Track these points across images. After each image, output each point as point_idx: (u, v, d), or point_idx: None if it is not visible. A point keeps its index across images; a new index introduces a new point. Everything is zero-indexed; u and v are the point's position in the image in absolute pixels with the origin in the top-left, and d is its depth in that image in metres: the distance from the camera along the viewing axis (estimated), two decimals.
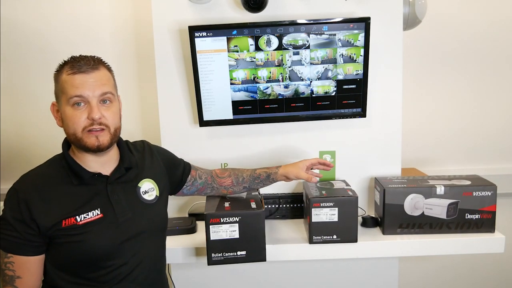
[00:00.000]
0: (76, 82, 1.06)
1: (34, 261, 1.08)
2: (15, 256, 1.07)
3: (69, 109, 1.07)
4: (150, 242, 1.20)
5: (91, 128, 1.07)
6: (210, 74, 1.55)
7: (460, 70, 2.07)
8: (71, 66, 1.07)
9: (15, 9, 1.94)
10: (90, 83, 1.07)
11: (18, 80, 2.00)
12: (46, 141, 2.03)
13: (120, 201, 1.14)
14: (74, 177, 1.11)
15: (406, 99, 1.74)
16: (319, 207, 1.42)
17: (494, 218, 1.47)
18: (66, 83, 1.06)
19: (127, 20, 1.94)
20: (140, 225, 1.17)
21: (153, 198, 1.22)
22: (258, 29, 1.51)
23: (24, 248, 1.07)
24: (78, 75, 1.06)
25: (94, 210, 1.10)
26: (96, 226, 1.10)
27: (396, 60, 1.62)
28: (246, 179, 1.43)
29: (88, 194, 1.11)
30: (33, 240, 1.06)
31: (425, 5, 1.62)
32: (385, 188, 1.48)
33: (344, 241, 1.44)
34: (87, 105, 1.07)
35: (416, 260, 2.23)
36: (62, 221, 1.07)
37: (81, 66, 1.07)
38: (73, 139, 1.09)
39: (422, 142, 2.12)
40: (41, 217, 1.05)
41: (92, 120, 1.07)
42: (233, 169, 1.47)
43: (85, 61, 1.08)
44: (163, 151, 1.37)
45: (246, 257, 1.35)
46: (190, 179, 1.39)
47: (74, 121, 1.07)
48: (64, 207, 1.08)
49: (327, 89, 1.58)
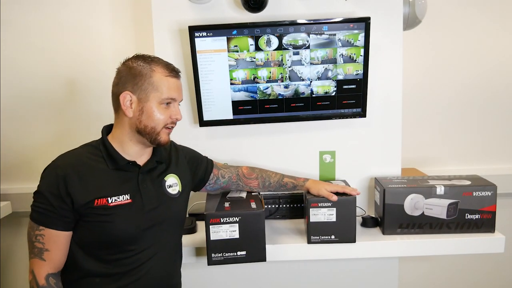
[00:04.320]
0: (173, 86, 1.19)
1: (63, 236, 1.13)
2: (47, 229, 1.11)
3: (158, 106, 1.17)
4: (169, 234, 1.27)
5: (170, 126, 1.21)
6: (210, 74, 1.55)
7: (460, 69, 2.06)
8: (166, 68, 1.18)
9: (15, 10, 1.94)
10: (180, 88, 1.22)
11: (18, 80, 2.00)
12: (46, 141, 2.03)
13: (148, 190, 1.21)
14: (110, 161, 1.18)
15: (406, 99, 1.74)
16: (317, 207, 1.42)
17: (494, 218, 1.47)
18: (163, 83, 1.16)
19: (127, 20, 1.94)
20: (163, 215, 1.23)
21: (176, 193, 1.28)
22: (258, 29, 1.51)
23: (56, 222, 1.11)
24: (174, 79, 1.19)
25: (124, 195, 1.17)
26: (125, 210, 1.16)
27: (396, 60, 1.62)
28: (272, 184, 1.51)
29: (120, 180, 1.18)
30: (65, 215, 1.12)
31: (425, 5, 1.62)
32: (385, 188, 1.48)
33: (342, 241, 1.44)
34: (171, 106, 1.20)
35: (416, 260, 2.23)
36: (94, 200, 1.12)
37: (175, 71, 1.20)
38: (148, 131, 1.17)
39: (422, 142, 2.12)
40: (76, 193, 1.11)
41: (175, 120, 1.21)
42: (261, 170, 1.53)
43: (174, 67, 1.21)
44: (187, 149, 1.44)
45: (246, 257, 1.35)
46: (213, 177, 1.46)
47: (161, 118, 1.18)
48: (98, 187, 1.14)
49: (327, 89, 1.58)
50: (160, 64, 1.18)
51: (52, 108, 2.02)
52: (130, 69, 1.17)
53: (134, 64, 1.17)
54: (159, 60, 1.20)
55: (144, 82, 1.15)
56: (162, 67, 1.18)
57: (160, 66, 1.17)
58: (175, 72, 1.20)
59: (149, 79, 1.15)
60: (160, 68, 1.17)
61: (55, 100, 2.01)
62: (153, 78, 1.16)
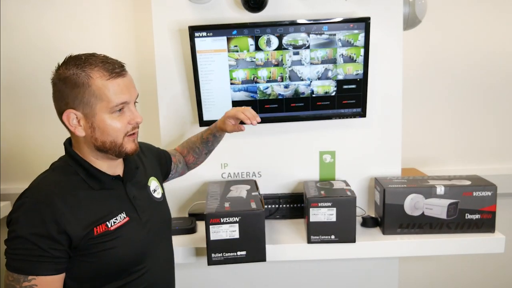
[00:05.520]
0: (119, 88, 0.98)
1: (58, 279, 0.97)
2: (38, 277, 0.93)
3: (110, 116, 0.99)
4: (166, 241, 1.22)
5: (132, 132, 1.04)
6: (210, 74, 1.55)
7: (460, 69, 2.06)
8: (104, 69, 0.97)
9: (16, 10, 1.94)
10: (129, 86, 1.01)
11: (18, 80, 2.00)
12: (46, 141, 2.03)
13: (139, 201, 1.11)
14: (94, 182, 1.03)
15: (406, 99, 1.74)
16: (317, 207, 1.42)
17: (494, 218, 1.47)
18: (106, 89, 0.97)
19: (127, 20, 1.94)
20: (157, 222, 1.16)
21: (160, 196, 1.21)
22: (258, 29, 1.51)
23: (49, 266, 0.94)
24: (118, 79, 0.99)
25: (120, 214, 1.04)
26: (126, 230, 1.04)
27: (396, 60, 1.62)
28: (201, 147, 1.44)
29: (111, 199, 1.05)
30: (59, 256, 0.95)
31: (425, 5, 1.62)
32: (385, 188, 1.48)
33: (342, 241, 1.44)
34: (125, 110, 1.02)
35: (416, 260, 2.23)
36: (93, 229, 0.98)
37: (115, 69, 0.98)
38: (109, 146, 1.01)
39: (422, 142, 2.12)
40: (71, 227, 0.95)
41: (135, 124, 1.04)
42: (186, 143, 1.48)
43: (114, 63, 1.00)
44: (149, 146, 1.35)
45: (246, 257, 1.35)
46: (174, 166, 1.40)
47: (117, 128, 1.00)
48: (92, 214, 0.99)
49: (327, 89, 1.58)
50: (97, 65, 0.97)
51: (53, 108, 2.01)
52: (64, 80, 0.97)
53: (67, 73, 0.96)
54: (95, 60, 0.98)
55: (84, 94, 0.96)
56: (99, 69, 0.97)
57: (97, 69, 0.96)
58: (116, 70, 0.98)
59: (89, 89, 0.96)
60: (97, 72, 0.96)
61: None
62: (92, 86, 0.96)
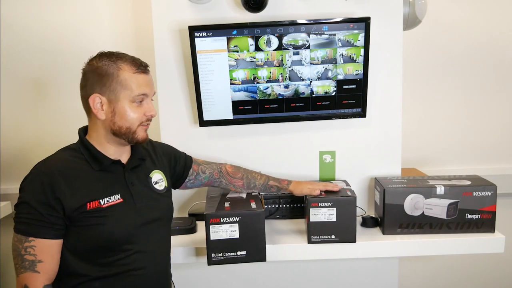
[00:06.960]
0: (142, 81, 1.15)
1: (55, 244, 1.10)
2: (37, 239, 1.07)
3: (130, 104, 1.14)
4: (162, 231, 1.27)
5: (146, 123, 1.19)
6: (210, 74, 1.55)
7: (460, 70, 2.07)
8: (133, 64, 1.13)
9: (16, 10, 1.94)
10: (150, 83, 1.18)
11: (18, 80, 2.00)
12: (46, 141, 2.03)
13: (137, 188, 1.21)
14: (95, 163, 1.16)
15: (406, 99, 1.74)
16: (317, 207, 1.42)
17: (494, 218, 1.47)
18: (131, 81, 1.13)
19: (127, 20, 1.94)
20: (154, 212, 1.23)
21: (163, 189, 1.29)
22: (258, 29, 1.51)
23: (47, 231, 1.08)
24: (142, 75, 1.15)
25: (115, 195, 1.15)
26: (118, 210, 1.15)
27: (396, 60, 1.62)
28: (257, 186, 1.50)
29: (108, 180, 1.17)
30: (56, 222, 1.08)
31: (425, 5, 1.62)
32: (385, 188, 1.48)
33: (343, 241, 1.44)
34: (144, 103, 1.17)
35: (416, 260, 2.23)
36: (87, 203, 1.10)
37: (141, 65, 1.15)
38: (124, 132, 1.15)
39: (422, 142, 2.12)
40: (66, 199, 1.08)
41: (150, 117, 1.18)
42: (245, 171, 1.51)
43: (141, 61, 1.16)
44: (164, 145, 1.43)
45: (246, 257, 1.35)
46: (192, 173, 1.44)
47: (134, 116, 1.15)
48: (88, 190, 1.12)
49: (327, 89, 1.58)
50: (126, 60, 1.14)
51: (53, 108, 2.02)
52: (95, 69, 1.12)
53: (99, 64, 1.12)
54: (125, 56, 1.15)
55: (112, 82, 1.12)
56: (128, 63, 1.13)
57: (126, 63, 1.13)
58: (143, 67, 1.16)
59: (117, 78, 1.12)
60: (126, 65, 1.13)
61: (56, 100, 2.01)
62: (120, 76, 1.12)
